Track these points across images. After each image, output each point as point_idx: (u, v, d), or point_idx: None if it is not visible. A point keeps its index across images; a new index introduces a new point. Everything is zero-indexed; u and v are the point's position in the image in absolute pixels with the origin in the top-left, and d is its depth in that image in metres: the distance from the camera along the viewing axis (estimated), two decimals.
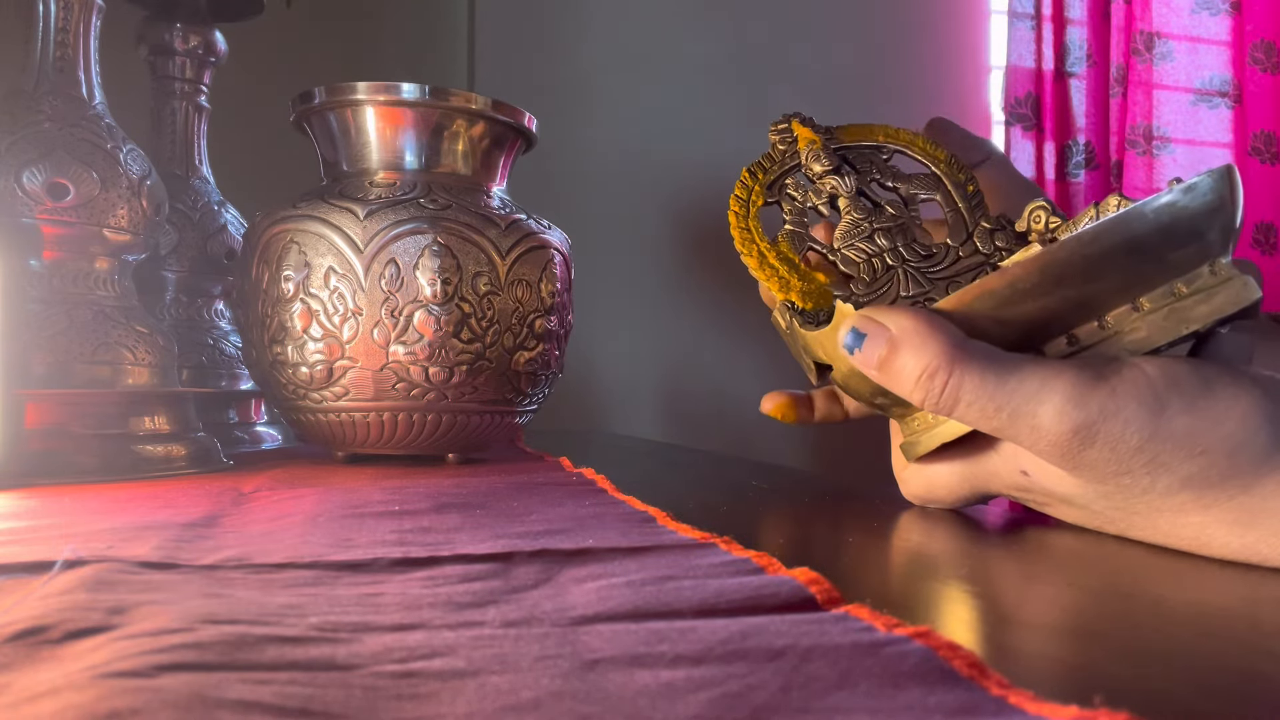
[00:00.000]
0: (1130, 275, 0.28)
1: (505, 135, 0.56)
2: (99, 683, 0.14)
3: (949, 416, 0.29)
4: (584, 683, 0.15)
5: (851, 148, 0.41)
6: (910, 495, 0.36)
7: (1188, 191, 0.27)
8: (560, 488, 0.41)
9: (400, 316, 0.49)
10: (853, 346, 0.29)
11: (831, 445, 1.26)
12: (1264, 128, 1.28)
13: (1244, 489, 0.26)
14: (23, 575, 0.23)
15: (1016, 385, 0.27)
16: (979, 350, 0.27)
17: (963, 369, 0.27)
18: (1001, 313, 0.28)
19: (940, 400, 0.28)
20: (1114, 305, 0.29)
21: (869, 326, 0.29)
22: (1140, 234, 0.27)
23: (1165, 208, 0.27)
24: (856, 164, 0.41)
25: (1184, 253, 0.28)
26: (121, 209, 0.49)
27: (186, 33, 0.68)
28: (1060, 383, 0.26)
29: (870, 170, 0.41)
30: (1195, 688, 0.16)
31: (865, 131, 0.42)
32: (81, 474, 0.45)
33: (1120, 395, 0.26)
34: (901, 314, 0.28)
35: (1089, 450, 0.26)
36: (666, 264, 1.23)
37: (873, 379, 0.29)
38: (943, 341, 0.27)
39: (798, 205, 0.39)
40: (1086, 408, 0.26)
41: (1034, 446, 0.27)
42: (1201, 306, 0.28)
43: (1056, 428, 0.26)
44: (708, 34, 1.24)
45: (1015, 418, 0.27)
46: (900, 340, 0.28)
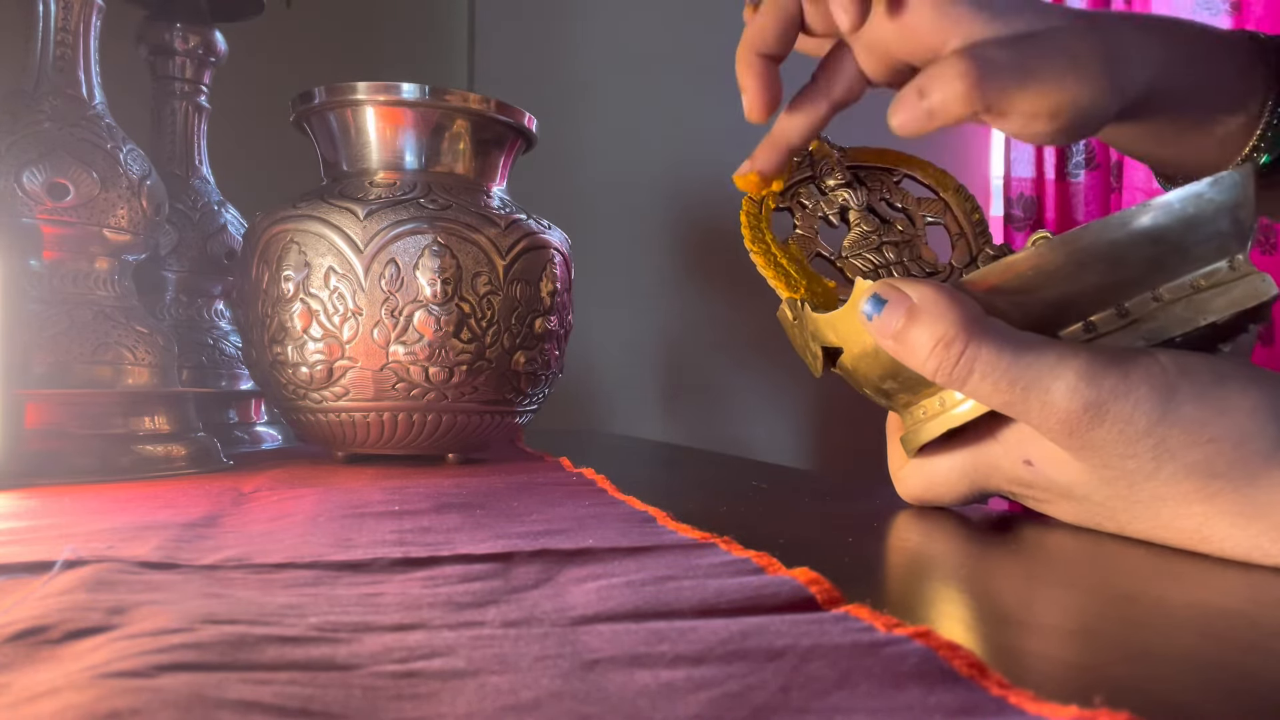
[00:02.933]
0: (1152, 265, 0.28)
1: (505, 135, 0.56)
2: (99, 683, 0.14)
3: (961, 390, 0.29)
4: (584, 683, 0.15)
5: (864, 167, 0.43)
6: (907, 494, 0.36)
7: (1215, 184, 0.27)
8: (560, 488, 0.41)
9: (400, 316, 0.49)
10: (872, 314, 0.29)
11: (831, 445, 1.26)
12: None
13: (1249, 481, 0.26)
14: (23, 575, 0.23)
15: (1032, 360, 0.27)
16: (996, 325, 0.28)
17: (979, 340, 0.27)
18: (1022, 296, 0.29)
19: (954, 371, 0.28)
20: (1134, 294, 0.29)
21: (890, 293, 0.29)
22: (1164, 223, 0.27)
23: (1191, 199, 0.27)
24: (868, 182, 0.42)
25: (1205, 247, 0.28)
26: (121, 209, 0.49)
27: (186, 33, 0.68)
28: (1075, 361, 0.27)
29: (880, 189, 0.42)
30: (1195, 688, 0.16)
31: (878, 154, 0.44)
32: (81, 474, 0.45)
33: (1133, 378, 0.26)
34: (922, 285, 0.29)
35: (1098, 429, 0.27)
36: (666, 264, 1.23)
37: (888, 349, 0.30)
38: (961, 313, 0.28)
39: (809, 213, 0.40)
40: (1099, 386, 0.26)
41: (1043, 424, 0.28)
42: (1220, 299, 0.29)
43: (1067, 404, 0.27)
44: (708, 34, 1.24)
45: (1028, 392, 0.27)
46: (920, 308, 0.28)
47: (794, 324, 0.36)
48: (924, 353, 0.28)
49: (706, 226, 1.21)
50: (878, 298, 0.29)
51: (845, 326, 0.32)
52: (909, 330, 0.28)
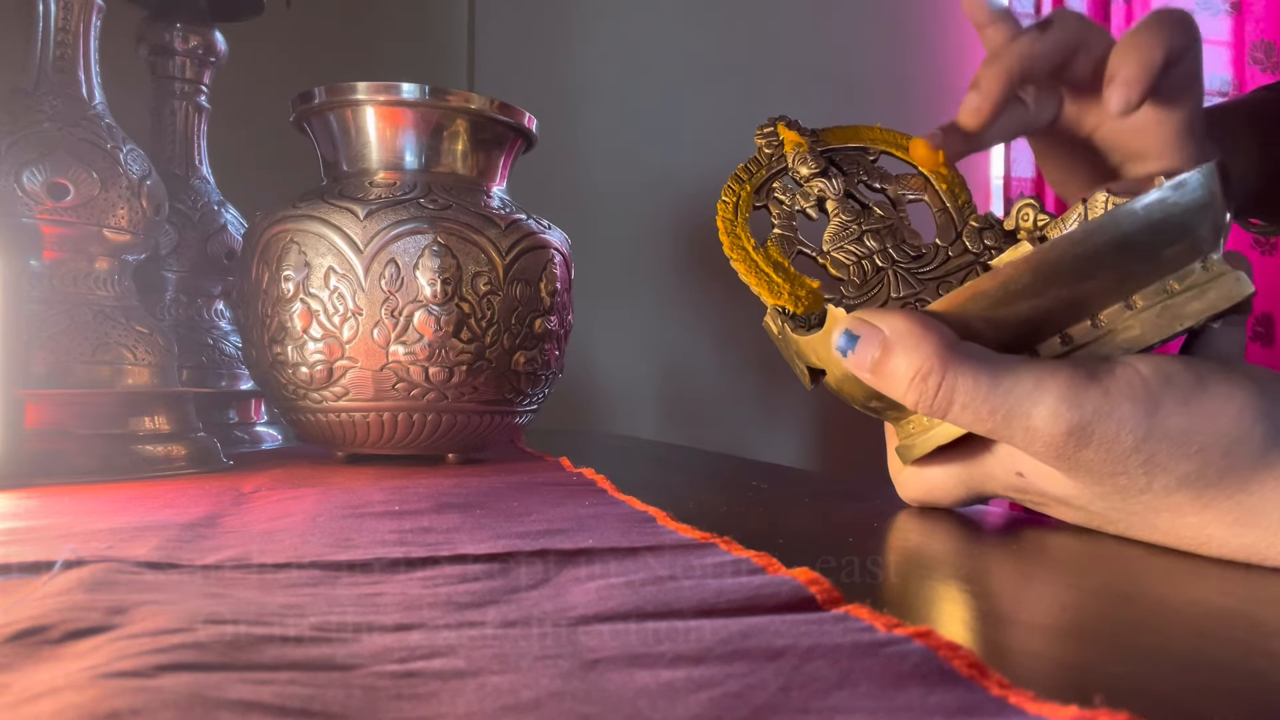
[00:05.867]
0: (1122, 273, 0.28)
1: (505, 135, 0.56)
2: (99, 683, 0.14)
3: (943, 419, 0.28)
4: (584, 683, 0.15)
5: (838, 150, 0.41)
6: (907, 497, 0.36)
7: (1178, 188, 0.27)
8: (560, 488, 0.41)
9: (400, 316, 0.49)
10: (846, 349, 0.29)
11: (832, 445, 1.26)
12: None
13: (1241, 487, 0.26)
14: (23, 575, 0.23)
15: (1010, 386, 0.27)
16: (972, 351, 0.27)
17: (956, 370, 0.27)
18: (994, 313, 0.28)
19: (934, 403, 0.28)
20: (1107, 303, 0.29)
21: (862, 328, 0.29)
22: (1131, 231, 0.27)
23: (1156, 204, 0.27)
24: (843, 166, 0.41)
25: (1176, 249, 0.28)
26: (121, 209, 0.49)
27: (186, 33, 0.68)
28: (1054, 383, 0.26)
29: (857, 172, 0.40)
30: (1195, 688, 0.16)
31: (851, 133, 0.42)
32: (81, 474, 0.45)
33: (1114, 395, 0.26)
34: (894, 316, 0.28)
35: (1084, 451, 0.26)
36: (667, 264, 1.23)
37: (866, 382, 0.29)
38: (935, 343, 0.27)
39: (786, 209, 0.39)
40: (1080, 408, 0.26)
41: (1029, 448, 0.27)
42: (1194, 303, 0.28)
43: (1051, 429, 0.26)
44: (708, 34, 1.24)
45: (1009, 419, 0.27)
46: (893, 342, 0.28)
47: (779, 338, 0.36)
48: (902, 386, 0.28)
49: (706, 226, 1.21)
50: (849, 333, 0.29)
51: (825, 350, 0.31)
52: (885, 364, 0.28)
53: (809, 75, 1.26)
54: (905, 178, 0.40)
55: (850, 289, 0.36)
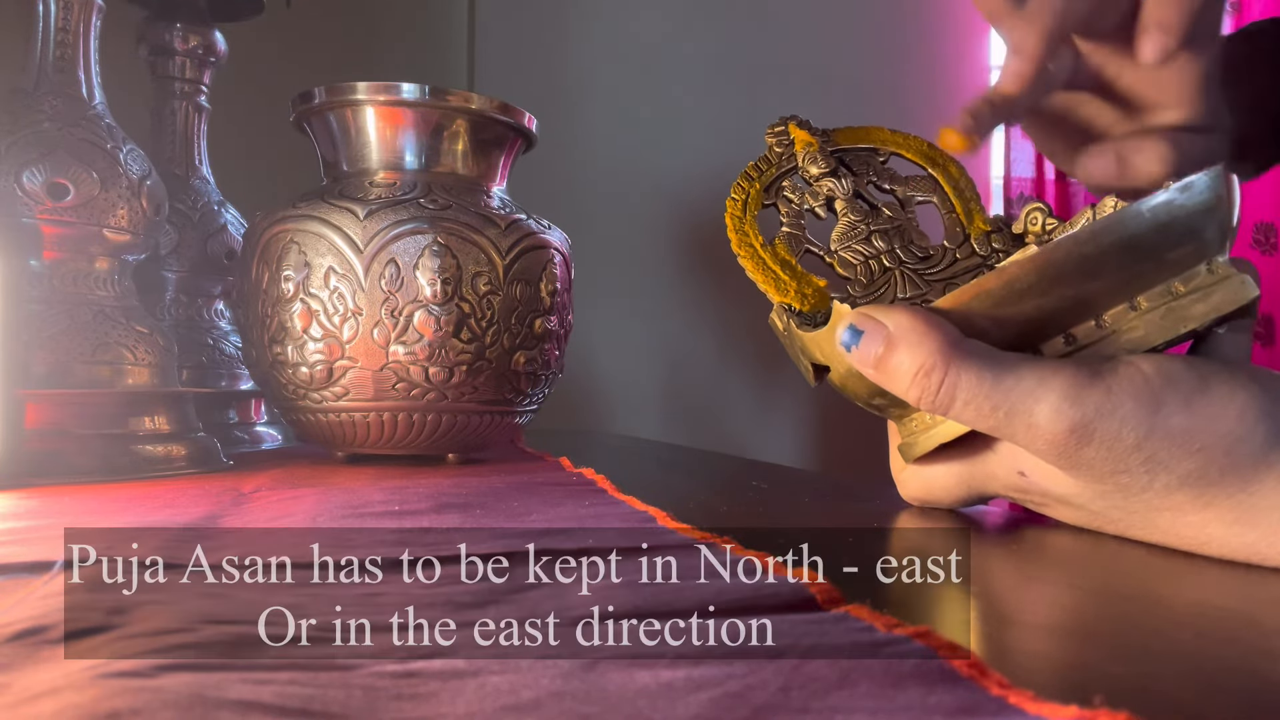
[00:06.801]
0: (1128, 274, 0.28)
1: (505, 135, 0.56)
2: (99, 683, 0.14)
3: (945, 415, 0.28)
4: (584, 683, 0.15)
5: (848, 150, 0.41)
6: (908, 497, 0.36)
7: (1184, 190, 0.27)
8: (560, 488, 0.41)
9: (400, 316, 0.49)
10: (850, 344, 0.29)
11: (832, 445, 1.26)
12: None
13: (1242, 487, 0.26)
14: (23, 575, 0.23)
15: (1013, 384, 0.27)
16: (975, 349, 0.27)
17: (959, 367, 0.27)
18: (999, 312, 0.28)
19: (936, 398, 0.28)
20: (1112, 304, 0.29)
21: (866, 324, 0.29)
22: (1137, 232, 0.27)
23: (1162, 206, 0.27)
24: (853, 166, 0.41)
25: (1181, 251, 0.28)
26: (121, 209, 0.49)
27: (186, 33, 0.68)
28: (1056, 381, 0.26)
29: (867, 172, 0.41)
30: (1195, 688, 0.16)
31: (862, 134, 0.42)
32: (81, 474, 0.45)
33: (1116, 393, 0.26)
34: (898, 312, 0.28)
35: (1086, 449, 0.26)
36: (667, 264, 1.23)
37: (869, 378, 0.29)
38: (939, 339, 0.27)
39: (794, 208, 0.39)
40: (1083, 406, 0.26)
41: (1030, 445, 0.27)
42: (1199, 305, 0.28)
43: (1053, 427, 0.26)
44: (707, 34, 1.24)
45: (1011, 416, 0.27)
46: (897, 337, 0.28)
47: (784, 334, 0.36)
48: (905, 382, 0.28)
49: (707, 226, 1.21)
50: (854, 328, 0.29)
51: (829, 346, 0.32)
52: (888, 359, 0.28)
53: (809, 76, 1.26)
54: (915, 179, 0.41)
55: (857, 288, 0.36)
